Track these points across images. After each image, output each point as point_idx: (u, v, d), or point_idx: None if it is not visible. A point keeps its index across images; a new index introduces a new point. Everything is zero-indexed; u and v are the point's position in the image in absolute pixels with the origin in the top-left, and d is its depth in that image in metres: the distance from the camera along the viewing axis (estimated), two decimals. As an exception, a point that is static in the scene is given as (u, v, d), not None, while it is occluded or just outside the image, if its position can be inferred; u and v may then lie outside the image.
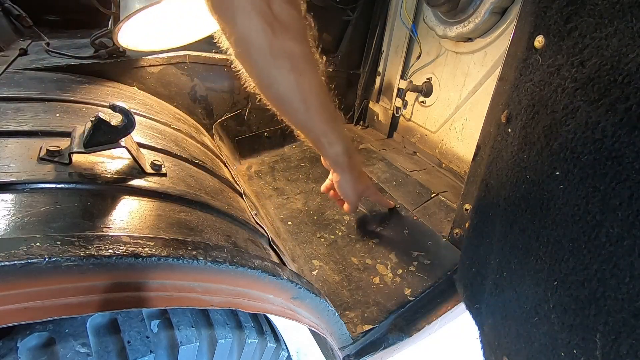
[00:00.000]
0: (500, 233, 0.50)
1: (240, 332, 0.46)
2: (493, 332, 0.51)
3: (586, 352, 0.35)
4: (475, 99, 0.97)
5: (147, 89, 1.00)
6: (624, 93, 0.31)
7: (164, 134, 0.70)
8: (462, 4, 0.89)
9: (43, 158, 0.45)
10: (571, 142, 0.37)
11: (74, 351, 0.33)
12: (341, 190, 0.78)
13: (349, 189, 0.77)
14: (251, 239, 0.58)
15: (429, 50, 1.12)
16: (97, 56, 0.92)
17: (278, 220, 0.94)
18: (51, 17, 1.33)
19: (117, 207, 0.43)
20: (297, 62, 0.55)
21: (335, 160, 0.72)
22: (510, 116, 0.49)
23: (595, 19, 0.34)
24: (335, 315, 0.55)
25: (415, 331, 0.69)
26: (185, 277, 0.36)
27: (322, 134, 0.66)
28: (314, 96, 0.59)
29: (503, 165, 0.50)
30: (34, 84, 0.72)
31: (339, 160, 0.72)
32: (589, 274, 0.35)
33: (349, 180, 0.76)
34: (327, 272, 0.78)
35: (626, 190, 0.31)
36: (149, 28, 0.89)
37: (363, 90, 1.36)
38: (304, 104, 0.59)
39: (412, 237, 0.84)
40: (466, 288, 0.61)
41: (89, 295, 0.30)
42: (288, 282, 0.45)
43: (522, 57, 0.46)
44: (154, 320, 0.39)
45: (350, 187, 0.77)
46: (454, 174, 1.05)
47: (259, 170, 1.16)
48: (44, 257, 0.27)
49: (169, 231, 0.42)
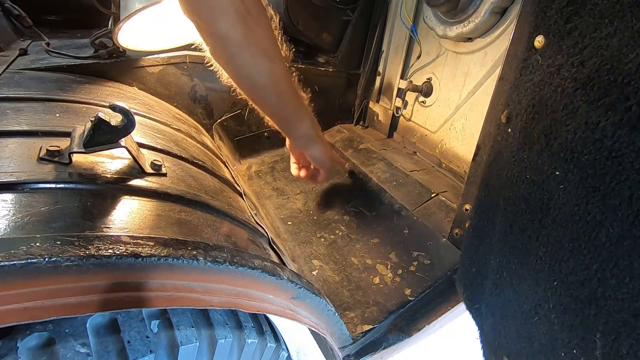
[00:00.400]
0: (500, 233, 0.49)
1: (240, 332, 0.46)
2: (493, 332, 0.51)
3: (586, 352, 0.35)
4: (475, 99, 0.97)
5: (147, 89, 1.00)
6: (623, 93, 0.31)
7: (164, 134, 0.70)
8: (462, 4, 0.89)
9: (43, 158, 0.45)
10: (571, 142, 0.37)
11: (74, 351, 0.33)
12: (317, 161, 0.82)
13: (324, 156, 0.82)
14: (251, 239, 0.58)
15: (429, 50, 1.12)
16: (97, 56, 0.92)
17: (278, 220, 0.94)
18: (51, 17, 1.33)
19: (117, 207, 0.43)
20: (268, 52, 0.60)
21: (307, 135, 0.78)
22: (510, 116, 0.49)
23: (595, 19, 0.34)
24: (335, 315, 0.55)
25: (415, 331, 0.69)
26: (185, 277, 0.36)
27: (292, 113, 0.73)
28: (284, 80, 0.65)
29: (503, 165, 0.50)
30: (34, 84, 0.72)
31: (310, 134, 0.78)
32: (589, 274, 0.35)
33: (321, 149, 0.81)
34: (327, 272, 0.78)
35: (626, 190, 0.31)
36: (149, 28, 0.89)
37: (363, 90, 1.36)
38: (276, 89, 0.65)
39: (412, 237, 0.84)
40: (466, 288, 0.61)
41: (89, 295, 0.30)
42: (288, 282, 0.45)
43: (522, 57, 0.46)
44: (154, 320, 0.39)
45: (325, 154, 0.82)
46: (454, 174, 1.04)
47: (259, 170, 1.16)
48: (43, 257, 0.27)
49: (169, 231, 0.42)
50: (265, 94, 0.66)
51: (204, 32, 0.56)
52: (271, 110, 0.70)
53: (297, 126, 0.76)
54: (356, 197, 1.00)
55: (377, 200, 0.97)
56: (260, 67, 0.60)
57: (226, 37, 0.55)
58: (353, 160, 1.15)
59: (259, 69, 0.60)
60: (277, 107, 0.70)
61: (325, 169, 0.85)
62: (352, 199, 0.99)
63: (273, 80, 0.63)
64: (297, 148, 0.84)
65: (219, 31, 0.54)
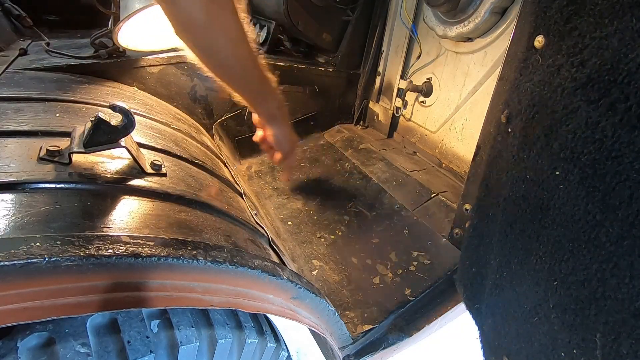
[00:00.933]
0: (500, 233, 0.49)
1: (240, 332, 0.46)
2: (493, 332, 0.51)
3: (586, 352, 0.35)
4: (475, 99, 0.97)
5: (147, 89, 1.00)
6: (624, 93, 0.31)
7: (164, 134, 0.70)
8: (462, 4, 0.89)
9: (43, 158, 0.45)
10: (571, 142, 0.37)
11: (74, 351, 0.33)
12: (277, 142, 0.84)
13: (286, 140, 0.84)
14: (251, 239, 0.58)
15: (429, 50, 1.12)
16: (97, 56, 0.92)
17: (278, 220, 0.94)
18: (51, 17, 1.33)
19: (117, 207, 0.43)
20: (232, 30, 0.61)
21: (273, 114, 0.79)
22: (510, 116, 0.49)
23: (596, 19, 0.34)
24: (335, 315, 0.55)
25: (415, 331, 0.69)
26: (185, 277, 0.36)
27: (259, 91, 0.74)
28: (249, 58, 0.66)
29: (503, 165, 0.50)
30: (34, 84, 0.72)
31: (276, 114, 0.79)
32: (589, 274, 0.35)
33: (285, 131, 0.82)
34: (327, 272, 0.78)
35: (626, 190, 0.31)
36: (149, 28, 0.89)
37: (363, 90, 1.36)
38: (242, 66, 0.66)
39: (412, 237, 0.84)
40: (466, 288, 0.61)
41: (89, 295, 0.30)
42: (288, 282, 0.45)
43: (522, 57, 0.46)
44: (154, 320, 0.39)
45: (287, 138, 0.84)
46: (454, 174, 1.04)
47: (259, 170, 1.16)
48: (43, 257, 0.27)
49: (169, 231, 0.42)
50: (230, 72, 0.68)
51: (168, 13, 0.57)
52: (236, 87, 0.72)
53: (264, 104, 0.77)
54: (356, 197, 1.00)
55: (377, 200, 0.97)
56: (224, 45, 0.62)
57: (189, 16, 0.56)
58: (353, 160, 1.15)
59: (222, 48, 0.62)
60: (242, 85, 0.72)
61: (283, 151, 0.86)
62: (352, 199, 0.99)
63: (238, 58, 0.64)
64: (259, 124, 0.86)
65: (182, 9, 0.56)
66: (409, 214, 0.90)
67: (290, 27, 1.29)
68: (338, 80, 1.35)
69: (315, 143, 1.31)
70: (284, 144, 0.85)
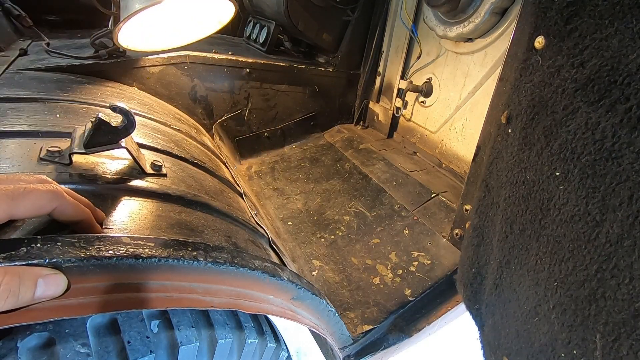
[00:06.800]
0: (500, 233, 0.49)
1: (240, 332, 0.46)
2: (493, 332, 0.51)
3: (586, 352, 0.35)
4: (475, 99, 0.97)
5: (147, 89, 1.00)
6: (624, 94, 0.31)
7: (164, 135, 0.70)
8: (462, 5, 0.89)
9: (43, 158, 0.45)
10: (571, 143, 0.37)
11: (74, 351, 0.32)
12: None
13: None
14: (251, 239, 0.57)
15: (429, 50, 1.12)
16: (97, 56, 0.92)
17: (278, 220, 0.94)
18: (51, 17, 1.33)
19: (118, 208, 0.43)
20: None
21: None
22: (511, 117, 0.49)
23: (596, 20, 0.34)
24: (336, 315, 0.55)
25: (415, 331, 0.69)
26: (186, 277, 0.36)
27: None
28: None
29: (503, 166, 0.50)
30: (34, 84, 0.72)
31: None
32: (589, 274, 0.35)
33: None
34: (327, 272, 0.78)
35: (626, 190, 0.31)
36: (149, 28, 0.89)
37: (363, 90, 1.36)
38: None
39: (412, 238, 0.84)
40: (466, 288, 0.61)
41: (90, 296, 0.30)
42: (288, 283, 0.45)
43: (522, 58, 0.46)
44: (154, 321, 0.39)
45: None
46: (454, 174, 1.05)
47: (259, 170, 1.16)
48: (44, 259, 0.27)
49: (170, 232, 0.42)
50: None
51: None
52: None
53: None
54: (356, 197, 1.00)
55: (377, 200, 0.97)
56: None
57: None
58: (353, 160, 1.15)
59: None
60: None
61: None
62: (352, 199, 0.99)
63: None
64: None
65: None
66: (409, 214, 0.90)
67: (290, 27, 1.29)
68: (338, 80, 1.35)
69: (315, 143, 1.31)
70: None
